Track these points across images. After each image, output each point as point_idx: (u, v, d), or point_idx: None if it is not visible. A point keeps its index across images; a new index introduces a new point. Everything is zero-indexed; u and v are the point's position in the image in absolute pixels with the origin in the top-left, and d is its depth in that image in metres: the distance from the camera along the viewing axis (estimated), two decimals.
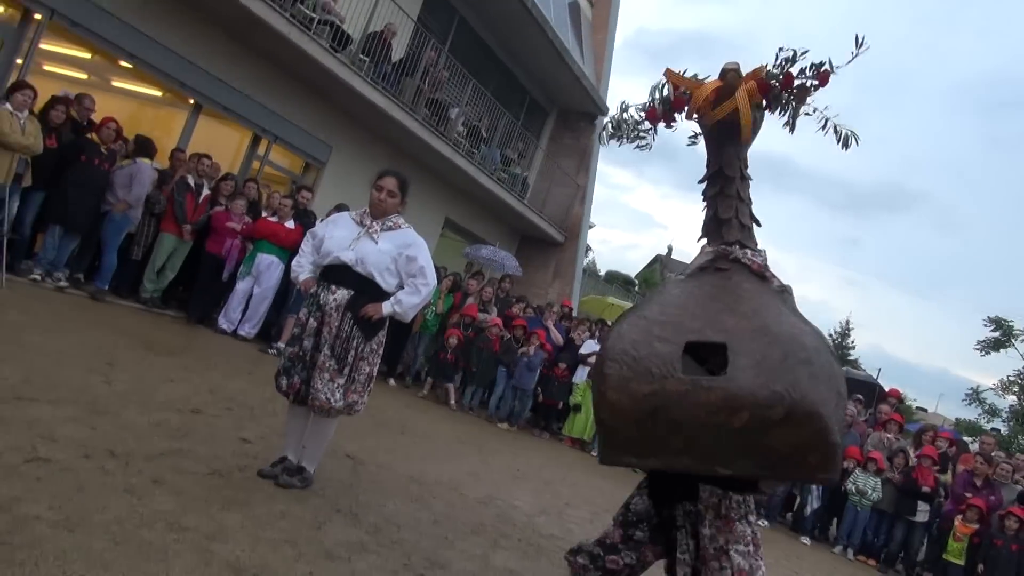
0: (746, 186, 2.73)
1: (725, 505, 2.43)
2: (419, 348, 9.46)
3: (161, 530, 2.68)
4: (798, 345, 2.16)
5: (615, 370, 2.27)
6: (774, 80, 2.58)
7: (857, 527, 8.25)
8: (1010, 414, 20.93)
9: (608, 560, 2.64)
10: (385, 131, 11.72)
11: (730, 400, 2.09)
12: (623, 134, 2.94)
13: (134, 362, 5.12)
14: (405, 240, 3.73)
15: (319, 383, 3.57)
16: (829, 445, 2.09)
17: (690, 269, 2.69)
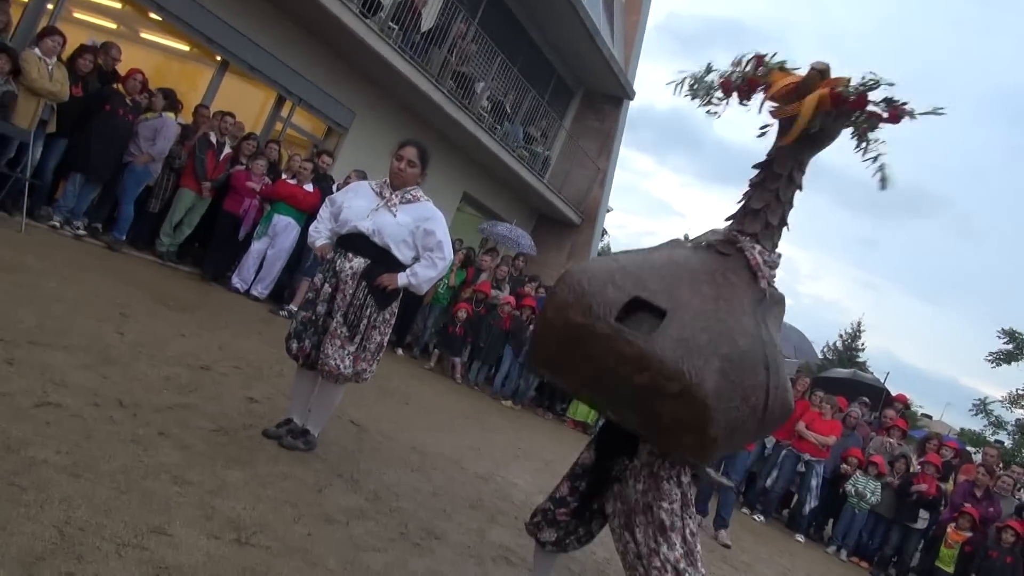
0: (791, 188, 2.70)
1: (658, 464, 2.52)
2: (428, 320, 9.50)
3: (165, 482, 2.72)
4: (728, 340, 2.23)
5: (562, 294, 2.44)
6: (849, 96, 2.54)
7: (853, 529, 8.26)
8: (1016, 428, 20.84)
9: (558, 513, 2.77)
10: (409, 101, 11.68)
11: (641, 359, 2.20)
12: (698, 93, 2.93)
13: (147, 315, 5.17)
14: (424, 213, 3.72)
15: (330, 349, 3.58)
16: (706, 436, 2.18)
17: (698, 240, 2.71)
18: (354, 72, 11.04)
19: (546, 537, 2.79)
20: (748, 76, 2.77)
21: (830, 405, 8.72)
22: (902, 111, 2.51)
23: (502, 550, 3.57)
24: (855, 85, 2.54)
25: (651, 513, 2.48)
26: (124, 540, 2.20)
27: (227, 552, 2.39)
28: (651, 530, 2.47)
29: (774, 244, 2.68)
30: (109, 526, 2.24)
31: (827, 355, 35.33)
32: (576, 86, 17.64)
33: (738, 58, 2.83)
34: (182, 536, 2.38)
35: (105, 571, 2.01)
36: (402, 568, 2.86)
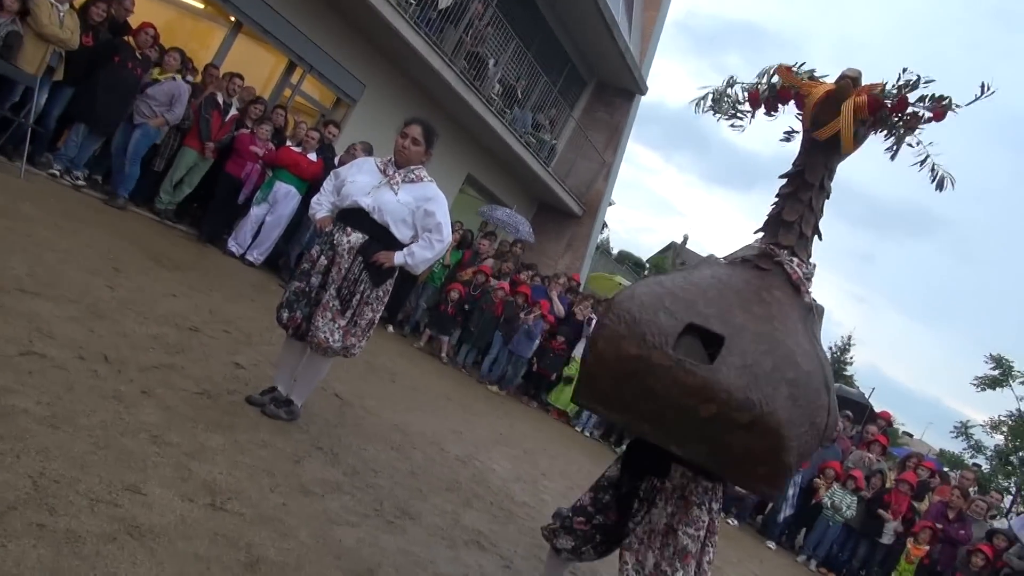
0: (822, 197, 2.66)
1: (690, 488, 2.48)
2: (421, 299, 9.50)
3: (144, 441, 2.72)
4: (791, 363, 2.17)
5: (613, 324, 2.33)
6: (888, 100, 2.47)
7: (825, 540, 8.33)
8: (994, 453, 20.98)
9: (576, 521, 2.73)
10: (420, 78, 11.61)
11: (706, 390, 2.13)
12: (722, 108, 2.87)
13: (139, 271, 5.15)
14: (425, 194, 3.70)
15: (320, 321, 3.58)
16: (780, 464, 2.12)
17: (733, 256, 2.66)
18: (368, 44, 10.97)
19: (562, 544, 2.74)
20: (778, 87, 2.72)
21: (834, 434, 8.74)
22: (945, 107, 2.44)
23: (475, 534, 3.59)
24: (893, 87, 2.47)
25: (674, 536, 2.45)
26: (98, 496, 2.21)
27: (200, 516, 2.40)
28: (669, 553, 2.44)
29: (808, 254, 2.64)
30: (84, 480, 2.25)
31: None
32: (589, 77, 17.55)
33: (764, 70, 2.79)
34: (156, 496, 2.38)
35: (76, 525, 2.02)
36: (373, 545, 2.87)
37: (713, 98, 2.85)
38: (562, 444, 7.79)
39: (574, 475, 6.36)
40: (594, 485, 2.80)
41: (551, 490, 5.34)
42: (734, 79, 2.83)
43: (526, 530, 4.11)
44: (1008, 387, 20.56)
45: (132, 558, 2.01)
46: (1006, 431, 20.74)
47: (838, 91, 2.47)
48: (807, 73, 2.64)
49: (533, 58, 13.99)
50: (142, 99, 7.30)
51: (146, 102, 7.30)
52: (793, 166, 2.70)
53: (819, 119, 2.53)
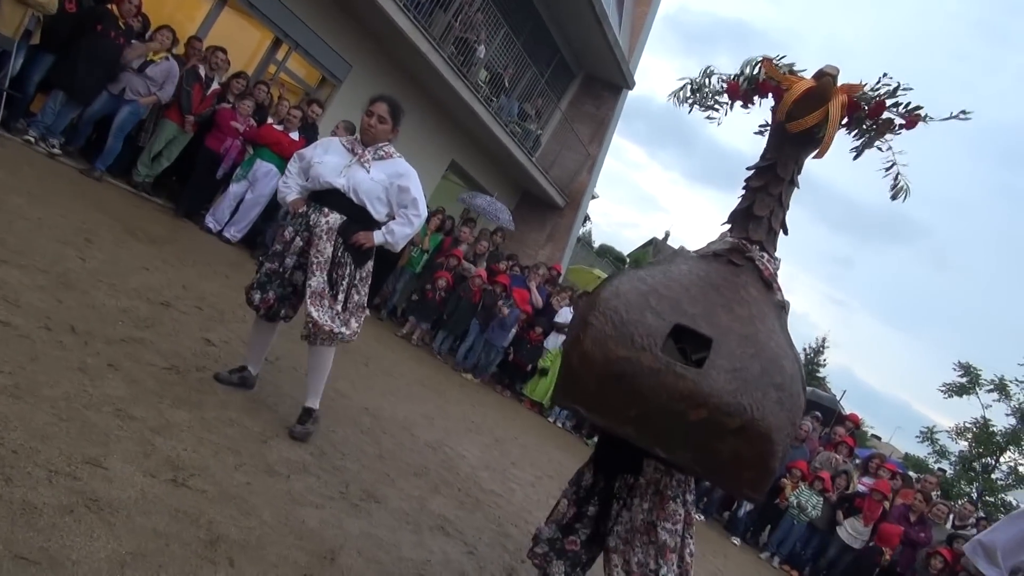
0: (790, 192, 2.66)
1: (665, 482, 2.49)
2: (399, 284, 9.46)
3: (108, 414, 2.69)
4: (777, 368, 2.17)
5: (599, 324, 2.28)
6: (865, 103, 2.47)
7: (789, 538, 8.44)
8: (958, 459, 21.37)
9: (567, 542, 2.66)
10: (407, 61, 11.52)
11: (696, 394, 2.12)
12: (699, 100, 2.85)
13: (112, 243, 5.08)
14: (397, 170, 3.66)
15: (318, 312, 3.47)
16: (768, 469, 2.13)
17: (704, 250, 2.65)
18: (356, 24, 10.87)
19: (556, 572, 2.63)
20: (758, 80, 2.72)
21: None
22: (917, 117, 2.45)
23: (440, 520, 3.59)
24: (871, 91, 2.48)
25: (654, 533, 2.45)
26: (57, 468, 2.18)
27: (161, 491, 2.38)
28: (652, 550, 2.44)
29: (775, 248, 2.64)
30: (44, 452, 2.22)
31: None
32: (577, 69, 17.53)
33: (746, 61, 2.77)
34: (117, 470, 2.36)
35: (33, 496, 1.99)
36: (337, 527, 2.86)
37: (691, 88, 2.84)
38: (534, 434, 7.81)
39: (544, 465, 6.39)
40: (574, 498, 2.73)
41: (520, 479, 5.36)
42: (711, 69, 2.81)
43: (492, 518, 4.12)
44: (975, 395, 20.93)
45: (89, 531, 1.99)
46: (970, 438, 21.12)
47: (819, 88, 2.46)
48: (787, 67, 2.64)
49: (522, 47, 13.94)
50: (137, 76, 7.19)
51: (142, 80, 7.20)
52: (762, 159, 2.68)
53: (794, 113, 2.52)
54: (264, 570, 2.29)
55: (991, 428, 20.72)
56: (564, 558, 2.61)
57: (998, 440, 20.53)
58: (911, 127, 2.48)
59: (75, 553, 1.88)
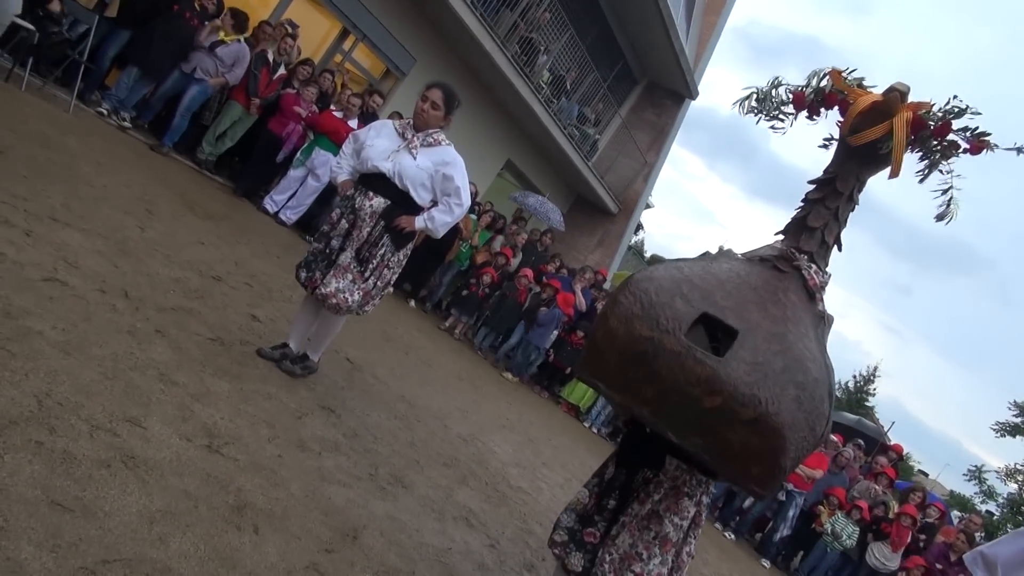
0: (848, 208, 2.62)
1: (684, 479, 2.47)
2: (445, 277, 9.54)
3: (151, 378, 2.78)
4: (801, 368, 2.14)
5: (628, 302, 2.30)
6: (932, 122, 2.43)
7: (821, 566, 8.25)
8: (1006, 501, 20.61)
9: (586, 533, 2.65)
10: (471, 58, 11.61)
11: (713, 381, 2.11)
12: (765, 109, 2.83)
13: (172, 216, 5.24)
14: (444, 158, 3.70)
15: (338, 283, 3.61)
16: (776, 466, 2.10)
17: (753, 254, 2.62)
18: (422, 19, 11.00)
19: (574, 565, 2.61)
20: (825, 91, 2.67)
21: (825, 443, 8.67)
22: (984, 143, 2.40)
23: (465, 511, 3.61)
24: (939, 111, 2.44)
25: (658, 522, 2.44)
26: (98, 423, 2.26)
27: (195, 456, 2.45)
28: (649, 537, 2.43)
29: (826, 263, 2.60)
30: (87, 407, 2.31)
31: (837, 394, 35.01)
32: (640, 76, 17.42)
33: (813, 72, 2.73)
34: (155, 431, 2.44)
35: (74, 447, 2.08)
36: (362, 507, 2.91)
37: (757, 98, 2.80)
38: (568, 437, 7.79)
39: (575, 468, 6.37)
40: (596, 490, 2.73)
41: (549, 480, 5.35)
42: (779, 80, 2.77)
43: (517, 514, 4.13)
44: None
45: (123, 486, 2.06)
46: (1021, 480, 20.34)
47: (885, 103, 2.42)
48: (856, 80, 2.59)
49: (586, 50, 13.91)
50: (208, 56, 7.41)
51: (212, 60, 7.42)
52: (824, 173, 2.65)
53: (858, 127, 2.48)
54: (287, 540, 2.34)
55: None
56: (583, 550, 2.60)
57: None
58: (976, 152, 2.42)
59: (108, 505, 1.95)
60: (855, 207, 2.65)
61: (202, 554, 2.02)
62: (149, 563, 1.85)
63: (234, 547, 2.14)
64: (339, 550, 2.50)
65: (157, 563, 1.87)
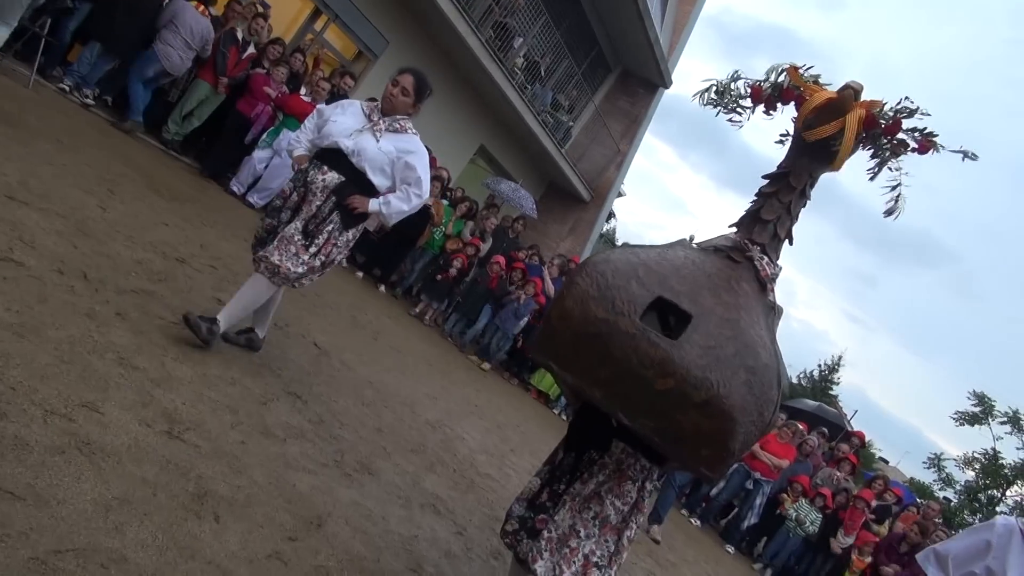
0: (801, 204, 2.67)
1: (628, 463, 2.49)
2: (417, 263, 9.48)
3: (110, 362, 2.71)
4: (752, 353, 2.18)
5: (584, 284, 2.32)
6: (883, 120, 2.50)
7: (784, 551, 8.39)
8: (964, 489, 21.15)
9: (537, 520, 2.64)
10: (445, 41, 11.49)
11: (666, 363, 2.13)
12: (723, 102, 2.86)
13: (135, 197, 5.12)
14: (407, 146, 3.63)
15: (279, 254, 3.43)
16: (726, 449, 2.13)
17: (707, 243, 2.66)
18: (396, 0, 10.85)
19: (525, 553, 2.57)
20: (782, 87, 2.72)
21: (791, 431, 8.80)
22: (932, 143, 2.48)
23: (432, 498, 3.60)
24: (890, 110, 2.50)
25: (599, 503, 2.46)
26: (53, 408, 2.20)
27: (154, 442, 2.40)
28: (589, 516, 2.44)
29: (777, 256, 2.65)
30: (41, 391, 2.24)
31: (801, 382, 35.57)
32: (614, 64, 17.40)
33: (772, 67, 2.79)
34: (113, 417, 2.38)
35: (26, 433, 2.01)
36: (327, 495, 2.87)
37: (716, 90, 2.85)
38: (536, 423, 7.81)
39: (543, 455, 6.33)
40: (545, 475, 2.73)
41: (517, 466, 5.36)
42: (738, 73, 2.83)
43: (485, 501, 4.13)
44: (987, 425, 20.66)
45: (78, 473, 2.00)
46: (978, 468, 20.88)
47: (839, 100, 2.48)
48: (813, 77, 2.65)
49: (561, 37, 13.85)
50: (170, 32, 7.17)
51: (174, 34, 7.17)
52: (778, 168, 2.70)
53: (812, 123, 2.54)
54: (249, 528, 2.30)
55: (1000, 460, 20.47)
56: (536, 537, 2.60)
57: (1006, 473, 20.29)
58: (923, 152, 2.50)
59: (61, 492, 1.90)
60: (807, 203, 2.73)
61: (160, 543, 1.97)
62: (104, 553, 1.80)
63: (194, 535, 2.10)
64: (303, 538, 2.46)
65: (112, 553, 1.82)
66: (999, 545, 2.63)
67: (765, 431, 2.29)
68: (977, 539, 2.76)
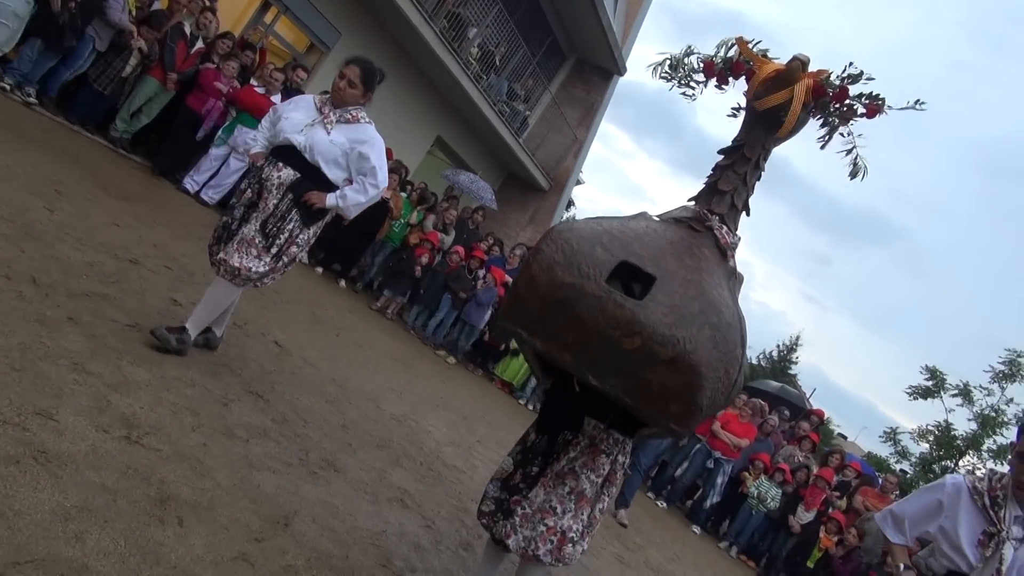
0: (756, 175, 2.74)
1: (601, 438, 2.53)
2: (377, 257, 9.41)
3: (63, 368, 2.65)
4: (716, 310, 2.24)
5: (549, 251, 2.34)
6: (830, 89, 2.57)
7: (748, 528, 8.57)
8: (919, 460, 21.76)
9: (512, 501, 2.66)
10: (398, 32, 11.38)
11: (632, 323, 2.17)
12: (677, 76, 2.90)
13: (84, 197, 4.99)
14: (360, 136, 3.59)
15: (243, 258, 3.41)
16: (694, 403, 2.17)
17: (667, 215, 2.72)
18: None
19: (501, 534, 2.59)
20: (733, 60, 2.78)
21: (751, 410, 8.97)
22: (878, 107, 2.56)
23: (400, 492, 3.59)
24: (837, 77, 2.58)
25: (574, 477, 2.49)
26: (5, 417, 2.14)
27: (113, 448, 2.35)
28: (564, 491, 2.47)
29: (736, 226, 2.71)
30: None
31: (761, 363, 36.20)
32: (569, 52, 17.43)
33: (722, 42, 2.85)
34: (69, 424, 2.33)
35: None
36: (293, 493, 2.85)
37: (670, 64, 2.91)
38: (502, 413, 7.83)
39: (510, 445, 6.35)
40: (519, 458, 2.75)
41: (484, 457, 5.37)
42: (691, 48, 2.89)
43: (453, 493, 4.13)
44: (939, 398, 21.27)
45: (34, 483, 1.96)
46: (932, 440, 21.49)
47: (787, 71, 2.54)
48: (762, 51, 2.73)
49: (515, 26, 13.82)
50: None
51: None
52: (733, 141, 2.76)
53: (762, 94, 2.61)
54: (214, 531, 2.28)
55: (952, 432, 21.09)
56: (511, 517, 2.62)
57: (958, 444, 20.91)
58: (872, 116, 2.59)
59: (18, 503, 1.85)
60: (761, 174, 2.79)
61: (122, 550, 1.94)
62: (64, 562, 1.77)
63: (157, 541, 2.07)
64: (269, 538, 2.45)
65: (73, 562, 1.79)
66: (950, 504, 2.73)
67: (732, 392, 2.34)
68: (929, 499, 2.85)
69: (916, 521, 2.88)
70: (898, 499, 8.51)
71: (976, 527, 2.60)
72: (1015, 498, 2.56)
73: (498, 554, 2.78)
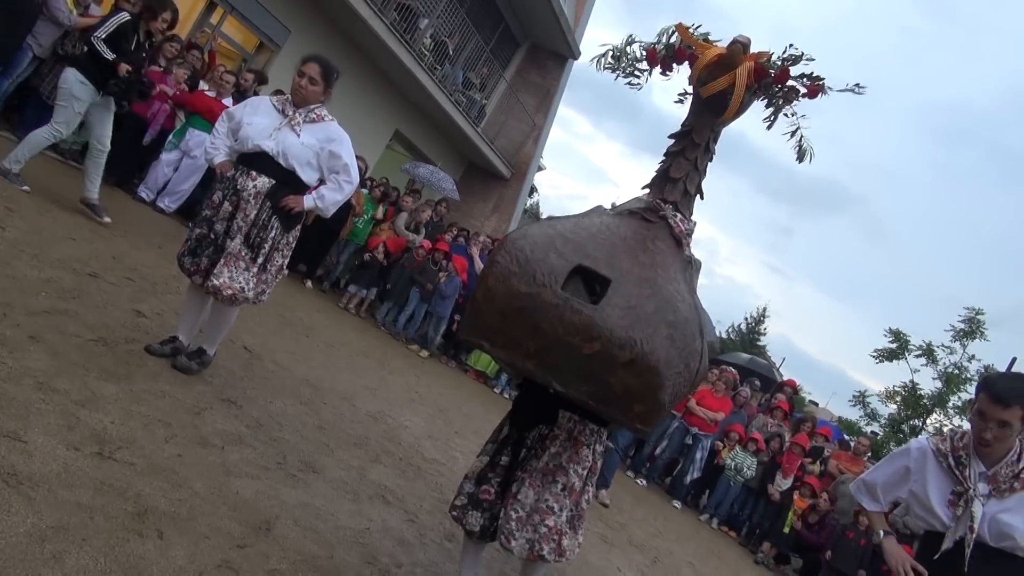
0: (707, 159, 2.76)
1: (579, 430, 2.56)
2: (343, 255, 9.34)
3: (28, 387, 2.60)
4: (671, 308, 2.27)
5: (504, 261, 2.36)
6: (772, 70, 2.60)
7: (726, 500, 8.70)
8: (888, 421, 22.27)
9: (481, 491, 2.68)
10: (349, 27, 11.26)
11: (590, 328, 2.20)
12: (620, 66, 2.92)
13: (35, 212, 4.87)
14: (329, 135, 3.59)
15: (232, 273, 3.46)
16: (656, 402, 2.21)
17: (621, 208, 2.73)
18: None
19: (472, 524, 2.63)
20: (674, 47, 2.80)
21: (724, 383, 9.10)
22: (819, 87, 2.59)
23: (380, 489, 3.59)
24: (778, 59, 2.61)
25: (564, 473, 2.51)
26: None
27: (86, 465, 2.31)
28: (557, 489, 2.49)
29: (690, 212, 2.73)
30: None
31: (731, 336, 36.68)
32: (522, 38, 17.39)
33: (663, 29, 2.88)
34: (38, 444, 2.28)
35: None
36: (273, 498, 2.83)
37: (613, 55, 2.92)
38: (478, 403, 7.84)
39: (487, 434, 6.34)
40: (488, 449, 2.77)
41: (463, 448, 5.38)
42: (632, 37, 2.92)
43: (434, 486, 4.14)
44: (904, 360, 21.77)
45: (6, 506, 1.92)
46: (899, 401, 22.00)
47: (728, 55, 2.56)
48: (703, 36, 2.75)
49: (466, 14, 13.74)
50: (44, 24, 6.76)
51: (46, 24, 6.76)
52: (682, 127, 2.78)
53: (706, 79, 2.63)
54: (195, 541, 2.26)
55: (919, 391, 21.62)
56: (480, 508, 2.65)
57: (925, 403, 21.45)
58: (813, 96, 2.63)
59: None
60: (712, 157, 2.83)
61: (103, 567, 1.91)
62: None
63: (138, 555, 2.04)
64: (252, 544, 2.43)
65: None
66: (917, 469, 2.79)
67: (695, 381, 2.38)
68: (897, 465, 2.91)
69: (887, 488, 2.95)
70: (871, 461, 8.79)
71: (945, 488, 2.67)
72: (977, 454, 2.63)
73: (477, 549, 2.79)
